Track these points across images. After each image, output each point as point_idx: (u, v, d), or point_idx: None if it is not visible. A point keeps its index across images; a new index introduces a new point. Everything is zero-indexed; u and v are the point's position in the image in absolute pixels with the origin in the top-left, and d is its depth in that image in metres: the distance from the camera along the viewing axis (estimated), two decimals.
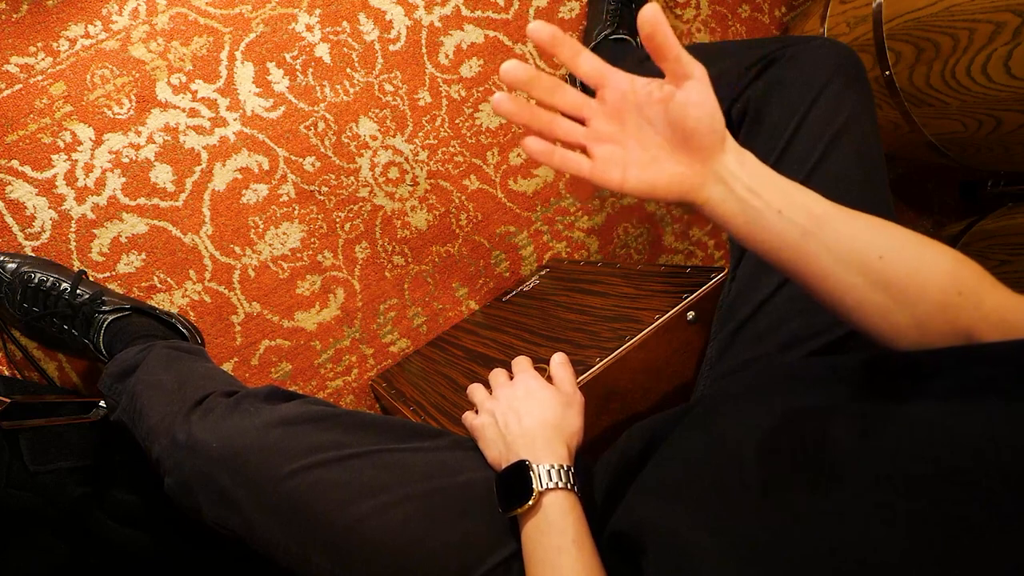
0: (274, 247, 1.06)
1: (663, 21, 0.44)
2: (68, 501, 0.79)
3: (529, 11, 1.15)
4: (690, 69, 0.45)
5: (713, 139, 0.47)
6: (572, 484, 0.55)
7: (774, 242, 0.47)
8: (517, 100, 0.46)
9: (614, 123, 0.48)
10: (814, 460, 0.42)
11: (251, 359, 1.06)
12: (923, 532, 0.34)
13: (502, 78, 0.46)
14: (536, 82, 0.47)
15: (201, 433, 0.64)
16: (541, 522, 0.53)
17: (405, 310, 1.15)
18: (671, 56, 0.45)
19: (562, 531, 0.52)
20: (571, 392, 0.65)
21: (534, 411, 0.61)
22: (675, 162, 0.47)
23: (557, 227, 1.22)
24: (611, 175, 0.47)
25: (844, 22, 1.09)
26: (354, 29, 1.07)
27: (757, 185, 0.47)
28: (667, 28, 0.44)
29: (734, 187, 0.47)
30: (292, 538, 0.57)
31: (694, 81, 0.46)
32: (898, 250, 0.46)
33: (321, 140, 1.07)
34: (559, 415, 0.61)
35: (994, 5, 0.84)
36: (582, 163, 0.48)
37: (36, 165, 0.95)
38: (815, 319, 0.64)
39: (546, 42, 0.46)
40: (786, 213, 0.47)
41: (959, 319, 0.44)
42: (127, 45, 0.98)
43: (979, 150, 1.03)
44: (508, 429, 0.60)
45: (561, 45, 0.46)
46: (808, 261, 0.47)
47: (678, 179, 0.47)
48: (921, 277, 0.45)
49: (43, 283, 0.90)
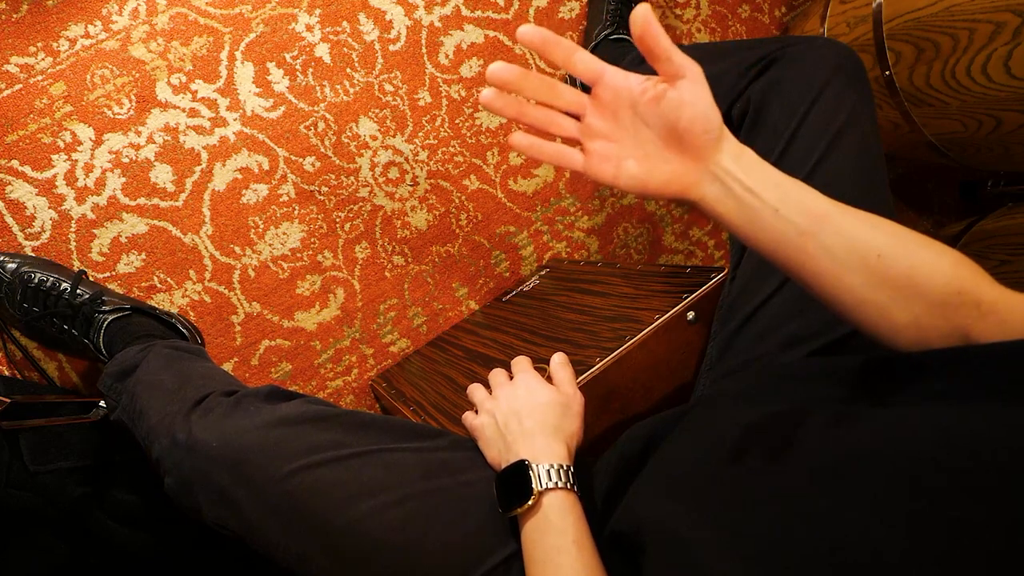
0: (274, 247, 1.06)
1: (654, 21, 0.44)
2: (68, 501, 0.79)
3: (529, 11, 1.15)
4: (683, 68, 0.45)
5: (706, 138, 0.47)
6: (572, 483, 0.55)
7: (772, 240, 0.47)
8: (503, 95, 0.47)
9: (608, 120, 0.48)
10: (813, 461, 0.42)
11: (251, 359, 1.06)
12: (923, 532, 0.34)
13: (489, 81, 0.46)
14: (525, 81, 0.47)
15: (201, 433, 0.64)
16: (541, 522, 0.53)
17: (405, 310, 1.15)
18: (663, 56, 0.45)
19: (562, 531, 0.52)
20: (571, 393, 0.65)
21: (534, 412, 0.61)
22: (669, 160, 0.48)
23: (557, 227, 1.22)
24: (604, 170, 0.48)
25: (844, 22, 1.09)
26: (354, 29, 1.07)
27: (754, 184, 0.47)
28: (658, 28, 0.44)
29: (730, 186, 0.47)
30: (292, 538, 0.57)
31: (687, 81, 0.46)
32: (896, 249, 0.46)
33: (321, 140, 1.07)
34: (559, 415, 0.61)
35: (994, 5, 0.84)
36: (576, 158, 0.48)
37: (36, 165, 0.95)
38: (815, 319, 0.65)
39: (537, 45, 0.46)
40: (784, 212, 0.47)
41: (957, 318, 0.44)
42: (127, 45, 0.98)
43: (979, 150, 1.03)
44: (508, 429, 0.60)
45: (553, 46, 0.46)
46: (806, 260, 0.47)
47: (671, 176, 0.48)
48: (919, 276, 0.45)
49: (43, 283, 0.90)
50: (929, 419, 0.39)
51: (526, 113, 0.48)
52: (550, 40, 0.46)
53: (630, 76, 0.48)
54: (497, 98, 0.47)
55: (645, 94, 0.47)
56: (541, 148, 0.48)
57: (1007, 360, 0.39)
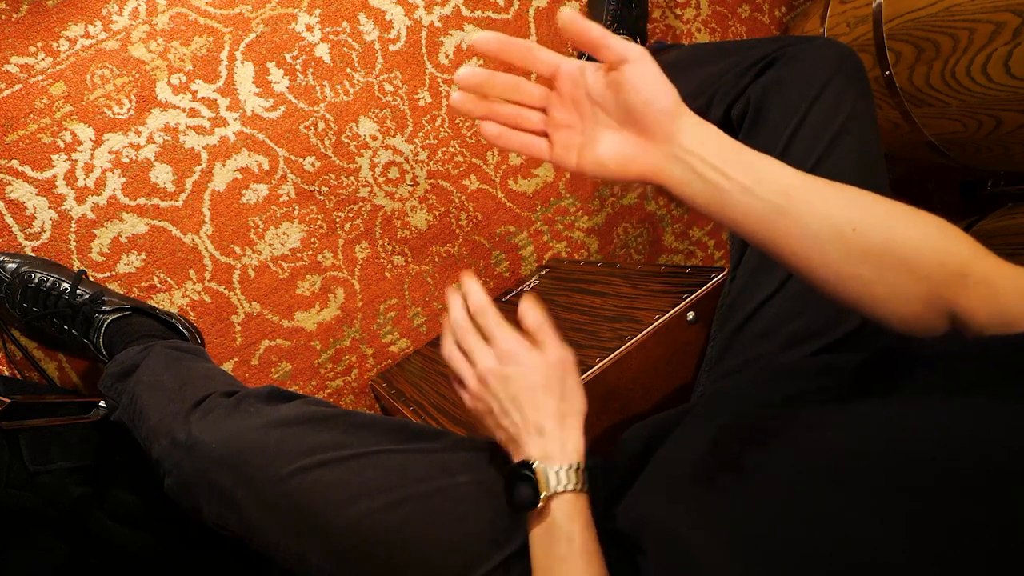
0: (274, 247, 1.06)
1: (578, 17, 0.46)
2: (68, 501, 0.79)
3: (529, 11, 1.15)
4: (625, 53, 0.46)
5: (662, 118, 0.47)
6: (581, 484, 0.53)
7: (745, 219, 0.47)
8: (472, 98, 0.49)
9: (570, 110, 0.50)
10: (813, 461, 0.42)
11: (251, 359, 1.06)
12: (923, 532, 0.34)
13: (458, 85, 0.49)
14: (492, 83, 0.49)
15: (201, 433, 0.64)
16: (548, 527, 0.52)
17: (405, 310, 1.15)
18: (599, 45, 0.46)
19: (569, 539, 0.51)
20: (560, 354, 0.58)
21: (535, 398, 0.56)
22: (627, 143, 0.48)
23: (557, 227, 1.22)
24: (567, 158, 0.50)
25: (844, 22, 1.09)
26: (354, 29, 1.07)
27: (722, 163, 0.46)
28: (583, 22, 0.46)
29: (694, 165, 0.47)
30: (291, 538, 0.57)
31: (631, 64, 0.46)
32: (872, 220, 0.45)
33: (321, 140, 1.07)
34: (559, 392, 0.57)
35: (994, 5, 0.84)
36: (541, 147, 0.51)
37: (36, 165, 0.95)
38: (815, 319, 0.65)
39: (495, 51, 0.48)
40: (755, 190, 0.46)
41: (944, 291, 0.43)
42: (127, 45, 0.98)
43: (979, 150, 1.03)
44: (510, 420, 0.57)
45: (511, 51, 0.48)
46: (781, 237, 0.46)
47: (631, 159, 0.48)
48: (899, 248, 0.44)
49: (43, 283, 0.90)
50: (929, 418, 0.39)
51: (495, 112, 0.50)
52: (506, 44, 0.48)
53: (586, 66, 0.49)
54: (466, 100, 0.49)
55: (599, 82, 0.48)
56: (509, 138, 0.51)
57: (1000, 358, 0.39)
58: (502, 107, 0.51)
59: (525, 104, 0.51)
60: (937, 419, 0.39)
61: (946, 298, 0.43)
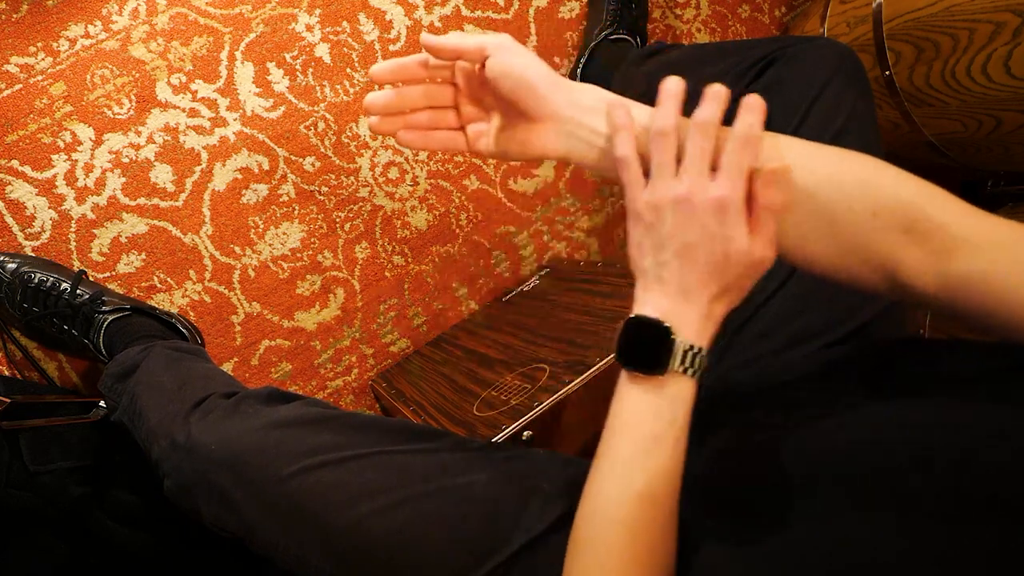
0: (274, 247, 1.06)
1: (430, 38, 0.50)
2: (68, 501, 0.79)
3: (529, 11, 1.15)
4: (482, 49, 0.49)
5: (535, 97, 0.49)
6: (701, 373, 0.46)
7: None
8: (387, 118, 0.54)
9: (475, 104, 0.54)
10: (811, 460, 0.42)
11: (251, 359, 1.06)
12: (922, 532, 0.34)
13: (368, 111, 0.54)
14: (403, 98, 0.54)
15: (200, 435, 0.64)
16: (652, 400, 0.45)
17: (405, 310, 1.15)
18: (460, 51, 0.50)
19: (672, 421, 0.45)
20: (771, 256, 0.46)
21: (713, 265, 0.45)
22: (520, 128, 0.51)
23: (557, 227, 1.22)
24: (479, 146, 0.54)
25: (844, 22, 1.09)
26: (354, 29, 1.07)
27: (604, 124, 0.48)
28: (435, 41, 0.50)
29: (583, 136, 0.48)
30: (291, 539, 0.57)
31: (491, 58, 0.49)
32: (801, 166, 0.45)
33: (321, 140, 1.07)
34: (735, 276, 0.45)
35: (994, 5, 0.84)
36: (460, 141, 0.55)
37: (36, 165, 0.95)
38: (816, 318, 0.65)
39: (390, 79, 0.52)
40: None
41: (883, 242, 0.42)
42: (127, 45, 0.98)
43: (979, 150, 1.03)
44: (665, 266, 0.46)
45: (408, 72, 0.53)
46: None
47: (525, 141, 0.51)
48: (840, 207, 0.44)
49: (43, 283, 0.90)
50: (929, 418, 0.39)
51: (414, 123, 0.54)
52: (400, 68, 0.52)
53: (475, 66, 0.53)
54: (383, 122, 0.53)
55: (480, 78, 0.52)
56: (428, 139, 0.55)
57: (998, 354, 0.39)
58: (417, 117, 0.54)
59: (439, 106, 0.55)
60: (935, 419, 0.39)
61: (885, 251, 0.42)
